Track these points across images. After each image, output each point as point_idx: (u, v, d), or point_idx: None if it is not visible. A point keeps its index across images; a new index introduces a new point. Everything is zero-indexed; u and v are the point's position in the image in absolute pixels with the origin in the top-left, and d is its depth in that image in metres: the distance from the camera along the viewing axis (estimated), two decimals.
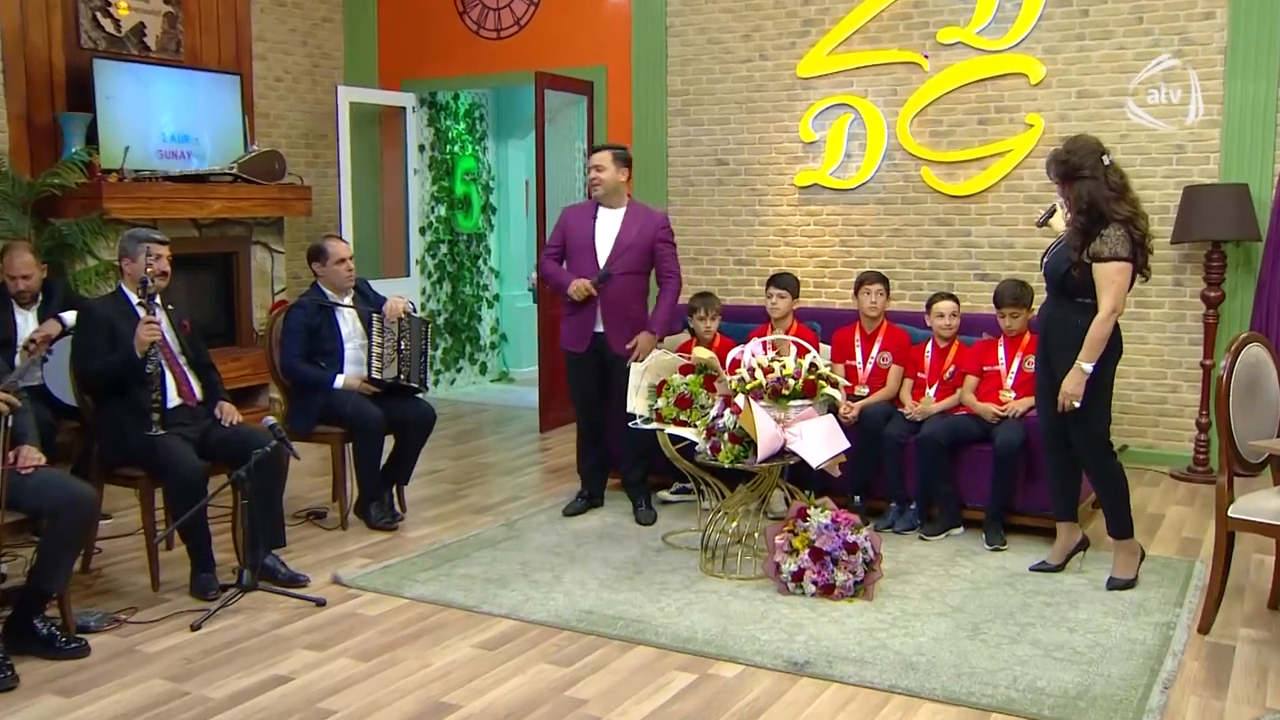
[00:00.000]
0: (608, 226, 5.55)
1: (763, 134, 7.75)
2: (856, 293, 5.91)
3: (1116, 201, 4.36)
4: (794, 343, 5.02)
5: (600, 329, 5.57)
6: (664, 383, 5.07)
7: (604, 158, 5.53)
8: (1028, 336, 5.50)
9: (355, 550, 5.21)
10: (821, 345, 5.93)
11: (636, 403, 5.14)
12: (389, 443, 5.61)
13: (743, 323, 6.31)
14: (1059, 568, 4.85)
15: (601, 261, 5.50)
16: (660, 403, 5.03)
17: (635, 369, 5.19)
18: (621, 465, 5.79)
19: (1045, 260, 4.65)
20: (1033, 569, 4.88)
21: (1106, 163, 4.40)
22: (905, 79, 7.25)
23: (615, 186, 5.54)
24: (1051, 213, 4.94)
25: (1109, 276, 4.34)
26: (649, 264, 5.59)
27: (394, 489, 5.74)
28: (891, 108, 7.31)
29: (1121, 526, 4.63)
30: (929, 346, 5.75)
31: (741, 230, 7.88)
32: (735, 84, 7.80)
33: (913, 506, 5.49)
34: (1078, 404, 4.43)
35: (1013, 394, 5.44)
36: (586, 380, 5.70)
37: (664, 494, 6.02)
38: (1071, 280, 4.44)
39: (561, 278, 5.59)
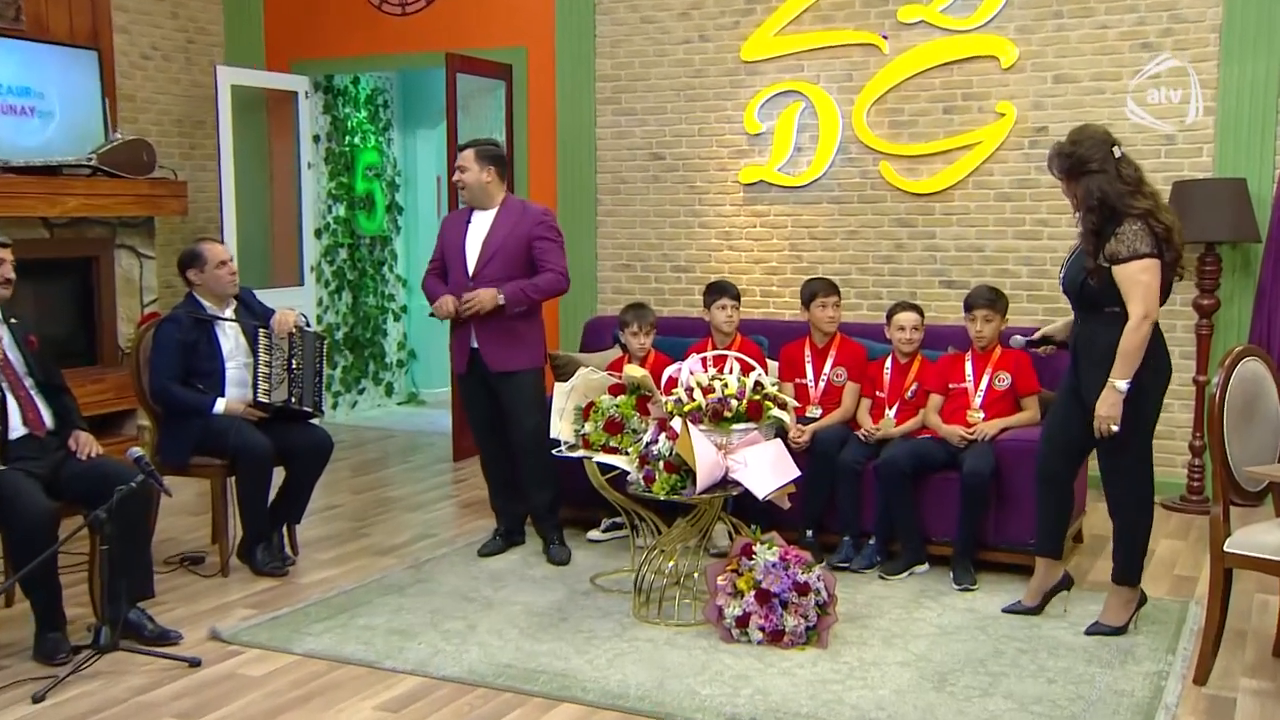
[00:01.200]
0: (478, 231, 5.60)
1: (703, 125, 7.76)
2: (808, 305, 5.93)
3: (1132, 195, 4.37)
4: (737, 359, 5.01)
5: (476, 345, 5.60)
6: (591, 405, 5.06)
7: (466, 157, 5.59)
8: (998, 351, 5.54)
9: (238, 600, 5.12)
10: (768, 361, 5.95)
11: (561, 427, 5.12)
12: (278, 475, 5.55)
13: (680, 336, 6.30)
14: (1036, 609, 4.87)
15: (472, 269, 5.54)
16: (587, 427, 5.02)
17: (559, 390, 5.18)
18: (528, 496, 5.80)
19: (1062, 274, 4.67)
20: (1006, 610, 4.90)
21: (1118, 154, 4.42)
22: (862, 63, 7.30)
23: (481, 188, 5.59)
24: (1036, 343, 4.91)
25: (1132, 277, 4.33)
26: (528, 267, 5.58)
27: (284, 528, 5.68)
28: (846, 95, 7.35)
29: (1130, 571, 4.66)
30: (888, 362, 5.78)
31: (679, 233, 7.88)
32: (672, 68, 7.81)
33: (871, 542, 5.50)
34: (1115, 428, 4.40)
35: (981, 414, 5.48)
36: (476, 404, 5.76)
37: (593, 534, 5.99)
38: (1090, 290, 4.44)
39: (437, 295, 5.65)
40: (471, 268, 5.55)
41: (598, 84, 8.04)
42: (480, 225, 5.61)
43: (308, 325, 5.68)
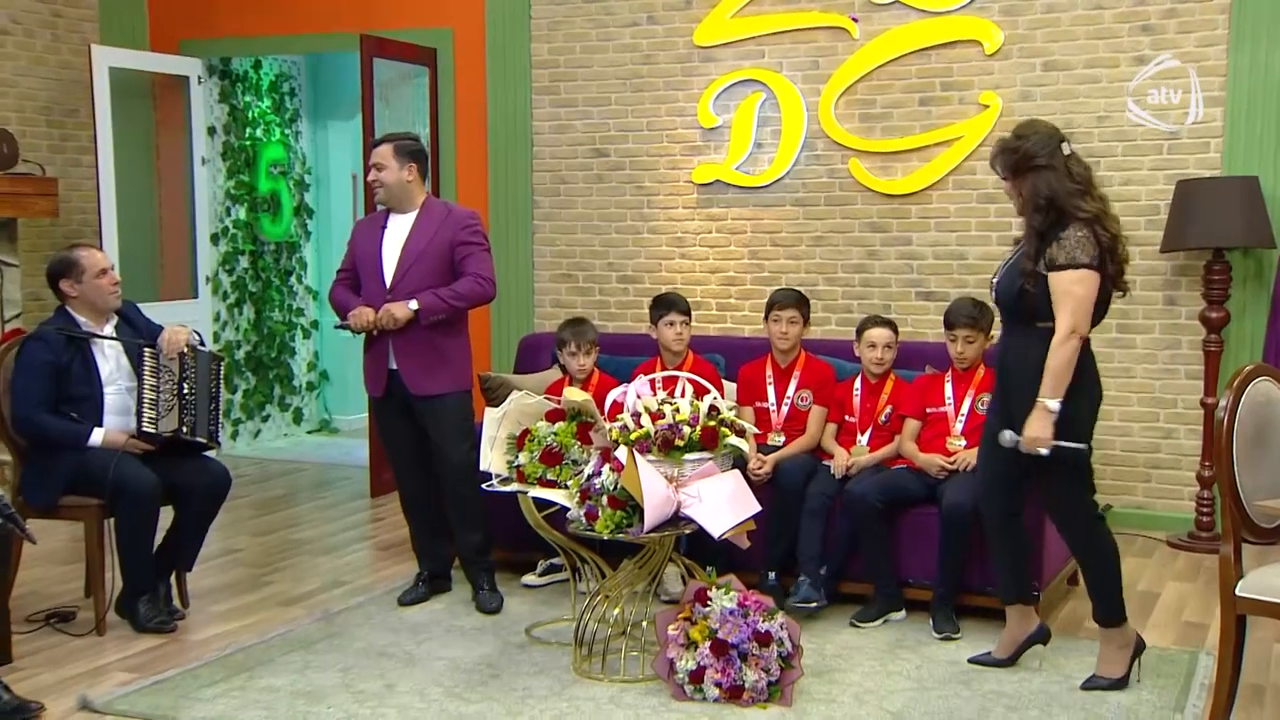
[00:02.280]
0: (396, 236, 5.61)
1: (652, 118, 7.78)
2: (766, 318, 5.96)
3: (1080, 196, 4.48)
4: (689, 380, 5.01)
5: (395, 365, 5.59)
6: (526, 433, 5.06)
7: (383, 153, 5.59)
8: (982, 371, 5.57)
9: (115, 662, 5.06)
10: (724, 383, 5.97)
11: (492, 458, 5.12)
12: (166, 517, 5.48)
13: (627, 355, 6.32)
14: (1007, 662, 4.89)
15: (389, 278, 5.54)
16: (522, 458, 5.03)
17: (490, 416, 5.18)
18: (455, 536, 5.79)
19: (996, 280, 4.76)
20: (973, 661, 4.92)
21: (1066, 151, 4.54)
22: (829, 48, 7.35)
23: (401, 187, 5.60)
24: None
25: (1065, 288, 4.44)
26: (452, 277, 5.59)
27: (172, 578, 5.61)
28: (812, 85, 7.39)
29: (1110, 609, 4.69)
30: (858, 383, 5.81)
31: (626, 239, 7.89)
32: (617, 54, 7.83)
33: (822, 571, 5.48)
34: (1044, 451, 4.48)
35: (963, 442, 5.51)
36: (395, 432, 5.77)
37: (529, 578, 5.98)
38: (1028, 300, 4.53)
39: (349, 304, 5.64)
40: (389, 278, 5.53)
41: (534, 71, 8.04)
42: (398, 230, 5.60)
43: (202, 344, 5.63)
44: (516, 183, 8.11)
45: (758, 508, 4.76)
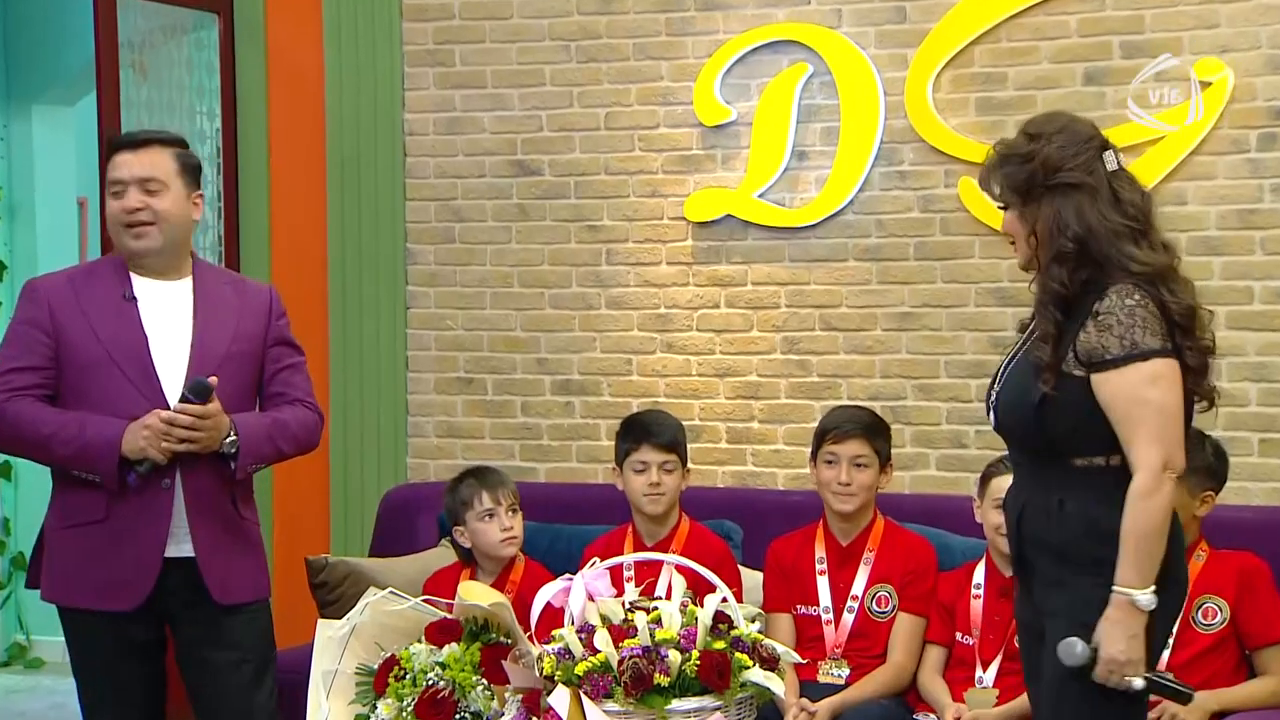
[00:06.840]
0: (167, 315, 5.54)
1: (614, 108, 7.84)
2: (815, 457, 6.01)
3: (1135, 239, 4.42)
4: (679, 568, 4.99)
5: (182, 552, 5.45)
6: (392, 663, 5.01)
7: (160, 161, 5.49)
8: (1204, 555, 5.60)
9: None
10: (743, 573, 6.00)
11: (328, 709, 5.05)
12: None
13: (573, 523, 6.43)
14: None
15: (170, 393, 5.41)
16: (383, 711, 4.96)
17: (324, 634, 5.12)
18: None
19: (993, 395, 4.74)
20: None
21: (1111, 164, 4.48)
22: None
23: (185, 229, 5.60)
24: None
25: (1134, 395, 4.33)
26: (256, 396, 5.66)
27: None
28: (895, 49, 7.44)
29: None
30: (980, 574, 5.83)
31: (570, 317, 7.91)
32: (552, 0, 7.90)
33: None
34: (1138, 684, 4.35)
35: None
36: (130, 676, 5.57)
37: None
38: (1050, 419, 4.47)
39: (92, 431, 5.38)
40: (172, 392, 5.42)
41: (406, 27, 8.09)
42: (165, 306, 5.55)
43: None
44: (377, 220, 8.12)
45: None
